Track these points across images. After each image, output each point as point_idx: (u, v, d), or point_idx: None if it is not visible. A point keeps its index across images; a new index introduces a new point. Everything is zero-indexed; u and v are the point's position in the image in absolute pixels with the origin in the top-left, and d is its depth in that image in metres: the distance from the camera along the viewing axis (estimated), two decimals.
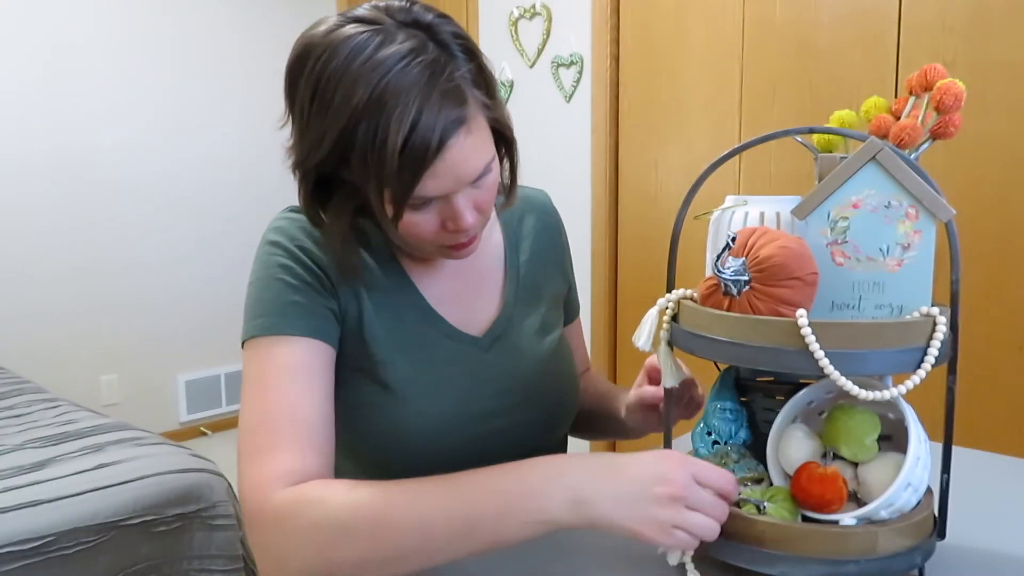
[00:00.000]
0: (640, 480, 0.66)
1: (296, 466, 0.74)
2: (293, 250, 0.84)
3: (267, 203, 3.71)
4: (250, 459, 0.76)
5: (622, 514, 0.65)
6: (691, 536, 0.65)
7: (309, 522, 0.70)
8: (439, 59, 0.73)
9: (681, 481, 0.65)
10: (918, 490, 0.68)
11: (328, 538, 0.69)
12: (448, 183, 0.75)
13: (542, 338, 0.97)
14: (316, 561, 0.69)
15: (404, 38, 0.72)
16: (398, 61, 0.70)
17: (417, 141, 0.70)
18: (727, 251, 0.69)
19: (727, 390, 0.81)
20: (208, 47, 3.53)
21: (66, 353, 3.20)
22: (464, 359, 0.90)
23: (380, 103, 0.70)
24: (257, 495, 0.73)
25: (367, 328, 0.86)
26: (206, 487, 1.66)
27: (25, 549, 1.42)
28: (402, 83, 0.70)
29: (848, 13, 2.28)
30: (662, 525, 0.64)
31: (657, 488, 0.65)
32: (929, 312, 0.67)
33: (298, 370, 0.79)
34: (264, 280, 0.84)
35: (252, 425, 0.77)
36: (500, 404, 0.90)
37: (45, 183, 3.13)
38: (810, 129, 0.75)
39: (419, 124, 0.70)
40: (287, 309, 0.81)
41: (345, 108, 0.71)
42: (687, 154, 2.71)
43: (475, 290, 0.94)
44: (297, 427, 0.77)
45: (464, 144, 0.74)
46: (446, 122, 0.71)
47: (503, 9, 3.12)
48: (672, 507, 0.65)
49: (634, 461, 0.68)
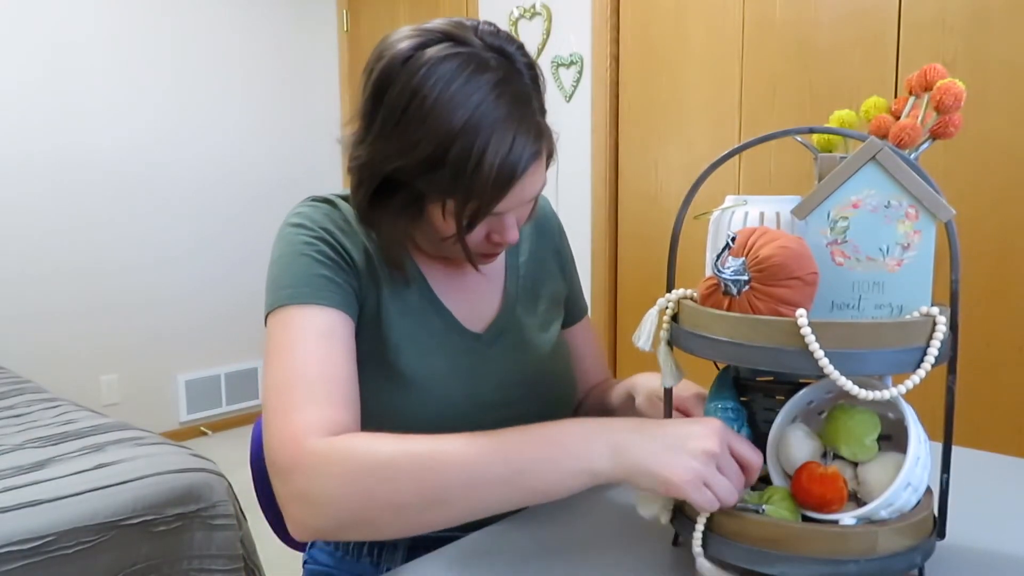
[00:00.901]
0: (679, 435, 0.69)
1: (329, 418, 0.75)
2: (318, 231, 0.88)
3: (267, 203, 3.71)
4: (281, 414, 0.75)
5: (658, 461, 0.67)
6: (715, 499, 0.67)
7: (354, 463, 0.70)
8: (523, 92, 0.80)
9: (717, 441, 0.68)
10: (918, 490, 0.68)
11: (373, 478, 0.69)
12: (513, 203, 0.81)
13: (541, 335, 1.01)
14: (358, 503, 0.69)
15: (495, 65, 0.78)
16: (491, 89, 0.77)
17: (507, 167, 0.77)
18: (727, 251, 0.69)
19: (727, 389, 0.81)
20: (208, 47, 3.53)
21: (66, 353, 3.20)
22: (468, 353, 0.93)
23: (476, 128, 0.75)
24: (292, 444, 0.73)
25: (383, 313, 0.89)
26: (206, 487, 1.66)
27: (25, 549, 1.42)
28: (498, 112, 0.76)
29: (848, 13, 2.28)
30: (694, 475, 0.66)
31: (694, 443, 0.68)
32: (929, 312, 0.67)
33: (325, 334, 0.81)
34: (289, 256, 0.86)
35: (280, 384, 0.77)
36: (503, 396, 0.94)
37: (45, 183, 3.13)
38: (810, 129, 0.75)
39: (511, 152, 0.77)
40: (314, 281, 0.84)
41: (442, 126, 0.76)
42: (687, 154, 2.71)
43: (477, 286, 0.98)
44: (327, 384, 0.78)
45: (537, 172, 0.82)
46: (530, 152, 0.79)
47: (503, 9, 3.12)
48: (705, 462, 0.67)
49: (674, 422, 0.72)
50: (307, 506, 0.71)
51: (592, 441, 0.70)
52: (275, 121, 3.76)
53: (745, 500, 0.71)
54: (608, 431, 0.71)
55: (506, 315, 0.98)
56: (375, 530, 0.72)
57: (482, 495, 0.69)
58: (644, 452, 0.68)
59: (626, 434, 0.70)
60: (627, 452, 0.69)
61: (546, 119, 0.84)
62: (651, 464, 0.67)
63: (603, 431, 0.71)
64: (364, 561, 1.00)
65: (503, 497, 0.70)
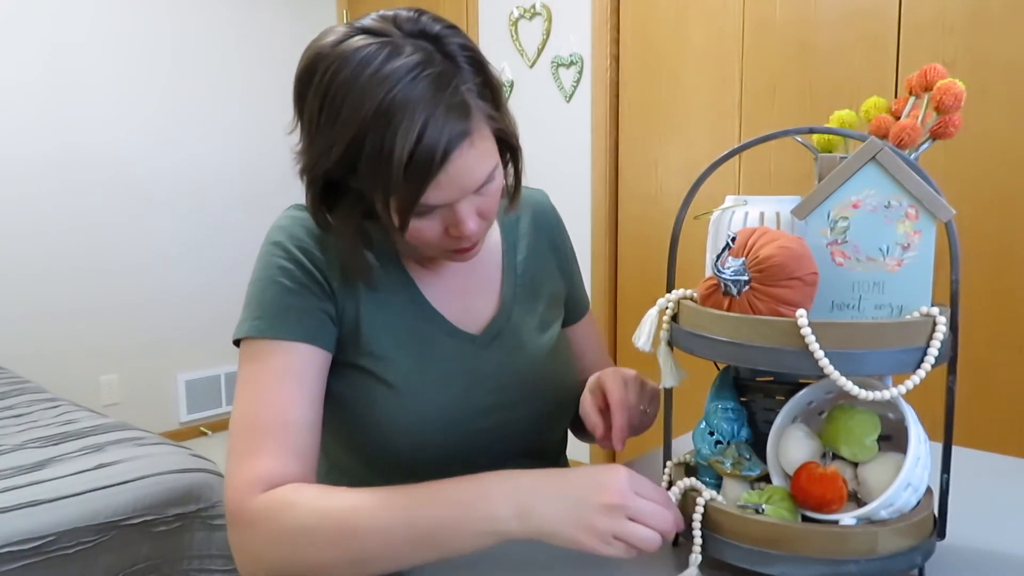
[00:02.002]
0: (582, 488, 0.68)
1: (276, 471, 0.77)
2: (294, 252, 0.86)
3: (267, 203, 3.71)
4: (236, 460, 0.79)
5: (563, 522, 0.67)
6: (628, 546, 0.67)
7: (279, 526, 0.74)
8: (445, 72, 0.74)
9: (620, 490, 0.67)
10: (918, 490, 0.68)
11: (296, 541, 0.73)
12: (452, 193, 0.77)
13: (540, 335, 0.98)
14: (286, 562, 0.73)
15: (411, 51, 0.74)
16: (405, 74, 0.72)
17: (422, 154, 0.72)
18: (727, 251, 0.69)
19: (727, 389, 0.81)
20: (208, 47, 3.53)
21: (66, 353, 3.20)
22: (463, 356, 0.91)
23: (387, 116, 0.71)
24: (236, 497, 0.77)
25: (365, 327, 0.87)
26: (206, 487, 1.66)
27: (25, 549, 1.42)
28: (409, 96, 0.71)
29: (848, 13, 2.28)
30: (600, 533, 0.66)
31: (597, 497, 0.67)
32: (929, 312, 0.67)
33: (288, 375, 0.81)
34: (263, 281, 0.85)
35: (240, 427, 0.81)
36: (500, 400, 0.92)
37: (45, 183, 3.12)
38: (810, 129, 0.75)
39: (424, 137, 0.72)
40: (284, 313, 0.83)
41: (353, 120, 0.73)
42: (687, 154, 2.71)
43: (474, 288, 0.96)
44: (282, 432, 0.79)
45: (468, 156, 0.75)
46: (451, 135, 0.73)
47: (503, 9, 3.12)
48: (611, 516, 0.66)
49: (579, 472, 0.71)
50: (243, 558, 0.76)
51: (500, 503, 0.69)
52: (275, 121, 3.75)
53: (745, 499, 0.71)
54: (516, 489, 0.70)
55: (503, 317, 0.96)
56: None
57: (396, 556, 0.71)
58: (548, 515, 0.68)
59: (531, 493, 0.69)
60: (532, 515, 0.68)
61: (495, 101, 0.80)
62: (556, 526, 0.67)
63: (511, 490, 0.70)
64: None
65: (420, 555, 0.71)
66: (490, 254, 0.99)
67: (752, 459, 0.76)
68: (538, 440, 0.98)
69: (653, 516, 0.67)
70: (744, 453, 0.76)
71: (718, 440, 0.78)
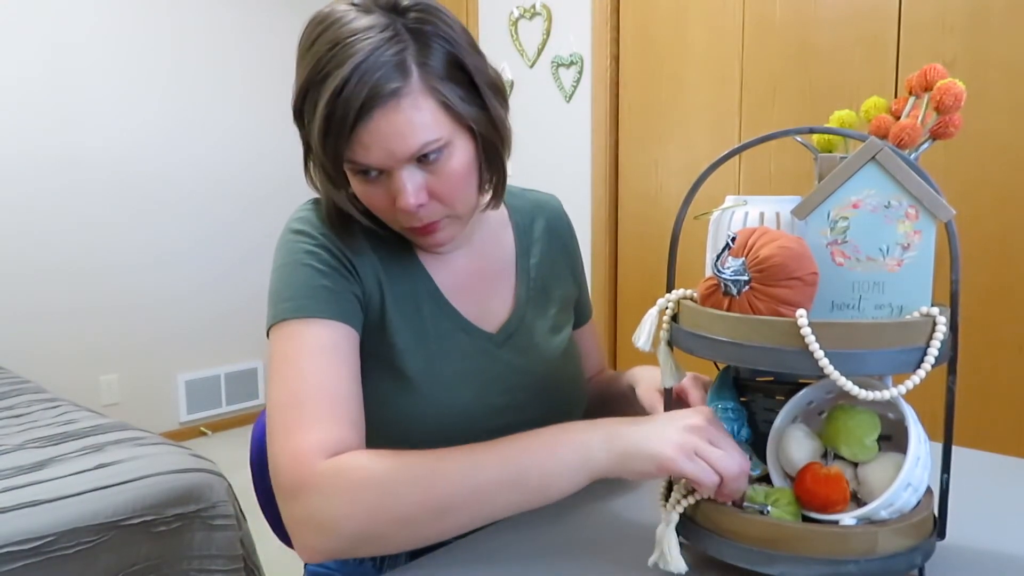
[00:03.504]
0: (668, 417, 0.72)
1: (333, 438, 0.75)
2: (318, 237, 0.86)
3: (268, 203, 3.71)
4: (285, 434, 0.76)
5: (648, 438, 0.69)
6: (710, 469, 0.67)
7: (357, 482, 0.71)
8: (393, 38, 0.75)
9: (705, 415, 0.71)
10: (918, 490, 0.68)
11: (377, 494, 0.70)
12: (379, 154, 0.77)
13: (552, 338, 0.99)
14: (365, 519, 0.70)
15: (375, 18, 0.76)
16: (352, 35, 0.74)
17: (339, 107, 0.74)
18: (727, 251, 0.69)
19: (727, 389, 0.81)
20: (208, 47, 3.53)
21: (66, 353, 3.20)
22: (479, 354, 0.92)
23: (326, 68, 0.74)
24: (297, 466, 0.73)
25: (388, 317, 0.88)
26: (206, 487, 1.66)
27: (25, 549, 1.41)
28: (348, 52, 0.74)
29: (848, 13, 2.28)
30: (684, 447, 0.68)
31: (682, 419, 0.70)
32: (929, 312, 0.67)
33: (328, 350, 0.80)
34: (291, 265, 0.85)
35: (284, 402, 0.77)
36: (512, 400, 0.92)
37: (45, 182, 3.13)
38: (810, 129, 0.75)
39: (346, 87, 0.73)
40: (316, 292, 0.83)
41: (303, 73, 0.76)
42: (687, 154, 2.71)
43: (488, 288, 0.97)
44: (331, 402, 0.77)
45: (394, 118, 0.76)
46: (375, 91, 0.74)
47: (503, 9, 3.12)
48: (697, 435, 0.68)
49: (664, 414, 0.74)
50: (315, 528, 0.71)
51: (586, 433, 0.72)
52: (275, 121, 3.76)
53: (751, 498, 0.70)
54: (601, 424, 0.73)
55: (517, 318, 0.96)
56: (385, 545, 0.72)
57: (485, 500, 0.70)
58: (634, 435, 0.70)
59: (618, 425, 0.72)
60: (619, 438, 0.70)
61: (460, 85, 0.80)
62: (641, 444, 0.69)
63: (596, 425, 0.73)
64: (367, 564, 1.00)
65: (506, 501, 0.71)
66: (503, 255, 1.00)
67: (752, 459, 0.76)
68: None
69: (732, 448, 0.69)
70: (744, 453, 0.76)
71: None
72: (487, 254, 0.98)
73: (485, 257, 0.98)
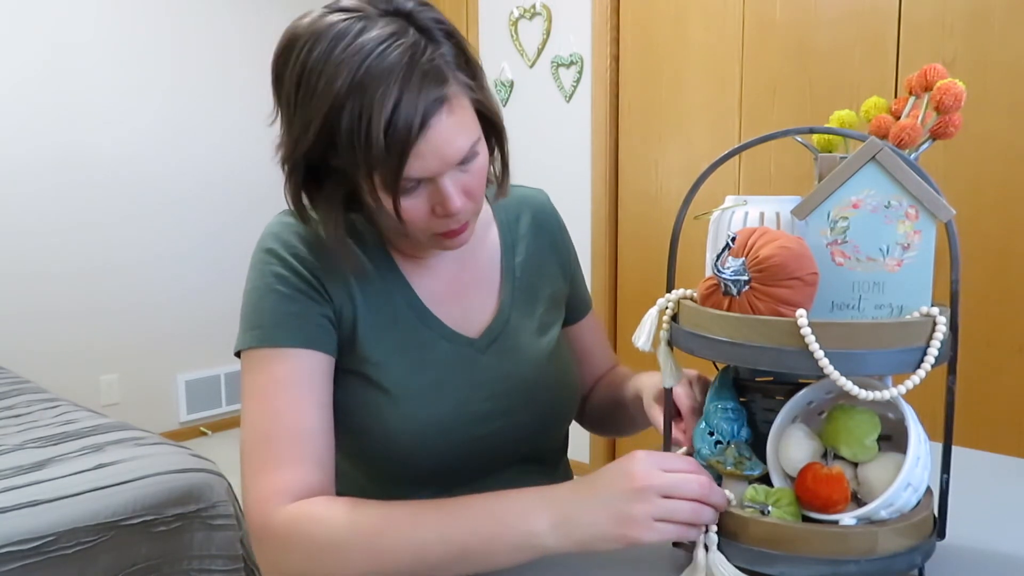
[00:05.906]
0: (608, 483, 0.68)
1: (298, 482, 0.77)
2: (287, 258, 0.85)
3: (267, 203, 3.71)
4: (253, 475, 0.78)
5: (600, 522, 0.66)
6: (677, 524, 0.66)
7: (310, 540, 0.73)
8: (419, 42, 0.74)
9: (642, 471, 0.67)
10: (918, 490, 0.68)
11: (328, 555, 0.72)
12: (433, 164, 0.75)
13: (539, 339, 0.96)
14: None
15: (384, 24, 0.74)
16: (378, 45, 0.72)
17: (400, 121, 0.71)
18: (727, 251, 0.69)
19: (727, 389, 0.80)
20: (208, 47, 3.53)
21: (66, 353, 3.20)
22: (460, 361, 0.89)
23: (362, 86, 0.71)
24: (261, 511, 0.75)
25: (361, 331, 0.86)
26: (206, 487, 1.66)
27: (25, 549, 1.42)
28: (383, 66, 0.71)
29: (848, 13, 2.28)
30: (639, 520, 0.65)
31: (623, 485, 0.67)
32: (929, 312, 0.67)
33: (296, 383, 0.80)
34: (260, 290, 0.84)
35: (253, 440, 0.79)
36: (497, 406, 0.90)
37: (45, 183, 3.12)
38: (810, 129, 0.75)
39: (401, 104, 0.71)
40: (283, 320, 0.82)
41: (328, 93, 0.72)
42: (687, 154, 2.71)
43: (471, 291, 0.94)
44: (297, 441, 0.78)
45: (447, 123, 0.74)
46: (427, 102, 0.72)
47: (503, 9, 3.12)
48: (643, 499, 0.65)
49: (603, 471, 0.70)
50: (277, 573, 0.76)
51: (534, 517, 0.68)
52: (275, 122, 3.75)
53: (751, 498, 0.70)
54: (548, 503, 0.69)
55: (501, 320, 0.93)
56: None
57: (430, 572, 0.71)
58: (586, 521, 0.67)
59: (566, 501, 0.69)
60: (570, 525, 0.67)
61: (471, 73, 0.79)
62: (596, 530, 0.66)
63: (543, 504, 0.69)
64: None
65: (450, 572, 0.71)
66: (487, 255, 0.97)
67: (752, 459, 0.76)
68: (538, 445, 0.97)
69: (684, 485, 0.66)
70: (744, 453, 0.76)
71: (718, 440, 0.78)
72: (471, 255, 0.95)
73: (469, 258, 0.95)
